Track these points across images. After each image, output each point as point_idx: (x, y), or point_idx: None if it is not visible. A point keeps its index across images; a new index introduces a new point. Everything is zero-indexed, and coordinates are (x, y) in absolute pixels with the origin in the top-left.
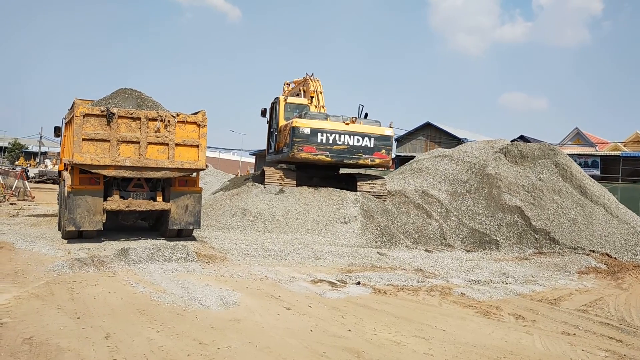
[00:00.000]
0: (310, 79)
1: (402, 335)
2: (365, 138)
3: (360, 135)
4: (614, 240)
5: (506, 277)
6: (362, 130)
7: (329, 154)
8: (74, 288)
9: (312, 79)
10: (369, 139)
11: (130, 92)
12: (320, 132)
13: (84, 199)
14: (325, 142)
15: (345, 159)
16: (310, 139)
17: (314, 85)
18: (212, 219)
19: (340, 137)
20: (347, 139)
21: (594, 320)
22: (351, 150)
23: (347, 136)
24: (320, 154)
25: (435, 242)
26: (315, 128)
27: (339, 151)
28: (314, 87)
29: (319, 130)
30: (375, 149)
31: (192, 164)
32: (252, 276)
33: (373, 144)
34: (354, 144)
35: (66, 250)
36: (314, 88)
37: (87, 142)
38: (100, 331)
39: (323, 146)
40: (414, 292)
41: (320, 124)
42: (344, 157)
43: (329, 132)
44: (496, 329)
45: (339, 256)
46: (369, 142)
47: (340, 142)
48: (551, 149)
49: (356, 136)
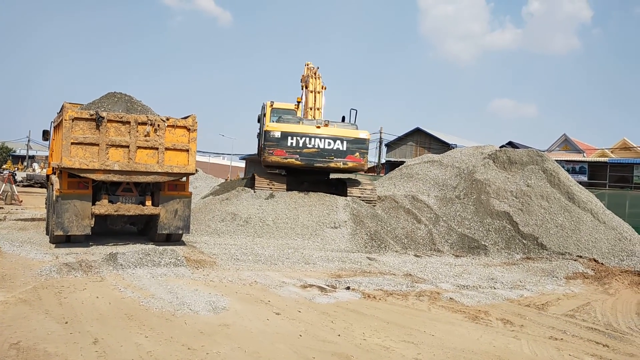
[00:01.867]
0: (311, 77)
1: (391, 340)
2: (337, 141)
3: (332, 138)
4: (601, 245)
5: (494, 282)
6: (334, 133)
7: (299, 157)
8: (62, 293)
9: (313, 77)
10: (341, 142)
11: (120, 95)
12: (290, 136)
13: (72, 203)
14: (296, 145)
15: (315, 163)
16: (280, 142)
17: (313, 84)
18: (202, 224)
19: (310, 141)
20: (318, 143)
21: (581, 325)
22: (322, 154)
23: (317, 139)
24: (290, 157)
25: (424, 247)
26: (285, 132)
27: (309, 154)
28: (312, 86)
29: (289, 134)
30: (348, 152)
31: (182, 169)
32: (242, 281)
33: (346, 147)
34: (325, 147)
35: (54, 254)
36: (313, 87)
37: (75, 146)
38: (88, 336)
39: (293, 150)
40: (403, 297)
41: (291, 127)
42: (314, 160)
43: (299, 135)
44: (484, 333)
45: (329, 261)
46: (342, 146)
47: (311, 145)
48: (539, 155)
49: (327, 139)
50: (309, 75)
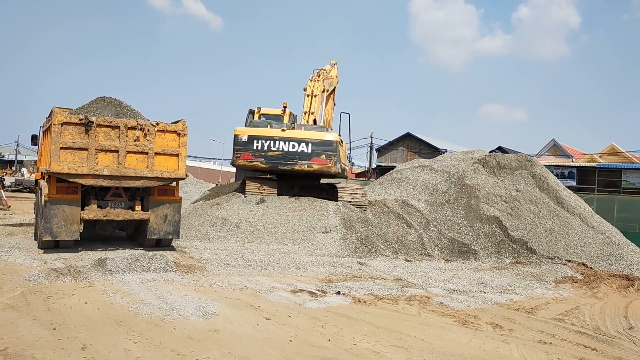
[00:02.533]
0: (312, 79)
1: (382, 345)
2: (302, 144)
3: (296, 141)
4: (590, 250)
5: (484, 286)
6: (299, 136)
7: (264, 161)
8: (50, 298)
9: (313, 79)
10: (306, 145)
11: (110, 100)
12: (256, 140)
13: (61, 208)
14: (261, 149)
15: (280, 165)
16: (247, 146)
17: (310, 87)
18: (192, 229)
19: (275, 144)
20: (282, 145)
21: (569, 329)
22: (286, 157)
23: (282, 142)
24: (255, 160)
25: (415, 252)
26: (252, 135)
27: (273, 157)
28: (310, 89)
29: (255, 137)
30: (313, 154)
31: (172, 173)
32: (232, 286)
33: (311, 149)
34: (289, 149)
35: (42, 260)
36: (310, 91)
37: (64, 150)
38: (76, 342)
39: (259, 153)
40: (394, 301)
41: (258, 131)
42: (278, 163)
43: (264, 139)
44: (474, 338)
45: (320, 266)
46: (306, 148)
47: (275, 148)
48: (528, 160)
49: (292, 142)
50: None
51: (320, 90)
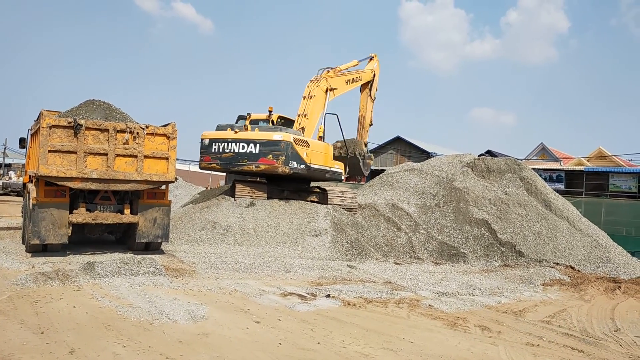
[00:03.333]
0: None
1: (371, 348)
2: (250, 145)
3: (245, 142)
4: (578, 252)
5: (473, 289)
6: (247, 137)
7: (219, 162)
8: (38, 302)
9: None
10: (254, 145)
11: (99, 103)
12: (214, 142)
13: (49, 211)
14: (217, 151)
15: (231, 167)
16: (208, 149)
17: (307, 89)
18: (181, 232)
19: (227, 146)
20: (233, 147)
21: (557, 331)
22: (236, 158)
23: (233, 144)
24: (213, 162)
25: (404, 255)
26: (212, 139)
27: (226, 159)
28: (307, 90)
29: (214, 140)
30: (260, 154)
31: (161, 177)
32: (221, 290)
33: (258, 149)
34: (239, 151)
35: (30, 264)
36: (306, 92)
37: (53, 153)
38: (64, 346)
39: (216, 155)
40: (383, 304)
41: (217, 134)
42: (230, 164)
43: (220, 141)
44: (462, 340)
45: (309, 269)
46: (254, 149)
47: (228, 150)
48: (517, 164)
49: (241, 143)
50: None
51: (323, 90)
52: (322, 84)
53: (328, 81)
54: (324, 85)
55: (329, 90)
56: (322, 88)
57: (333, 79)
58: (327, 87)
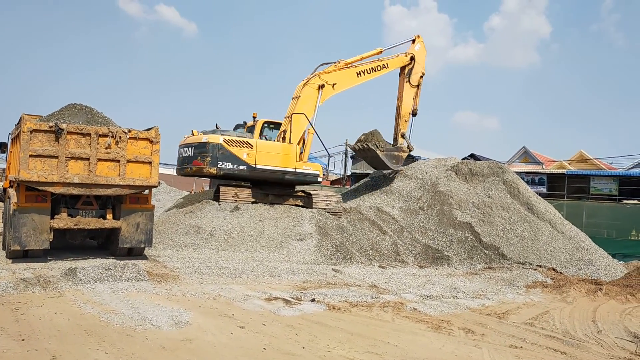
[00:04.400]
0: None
1: (356, 352)
2: (188, 149)
3: (186, 146)
4: (560, 255)
5: (457, 292)
6: (187, 141)
7: (175, 167)
8: (19, 309)
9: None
10: (190, 149)
11: (81, 107)
12: (179, 148)
13: (30, 217)
14: (178, 156)
15: (180, 170)
16: (178, 155)
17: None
18: (165, 237)
19: (179, 151)
20: (181, 152)
21: (540, 333)
22: (182, 161)
23: (181, 149)
24: (176, 167)
25: (389, 258)
26: (179, 145)
27: (178, 163)
28: (296, 91)
29: (180, 146)
30: (194, 157)
31: (144, 181)
32: (205, 295)
33: (193, 152)
34: (183, 155)
35: (10, 270)
36: (296, 94)
37: (34, 158)
38: (46, 353)
39: (178, 160)
40: (368, 308)
41: (181, 141)
42: (179, 168)
43: (180, 147)
44: (447, 343)
45: (294, 273)
46: (190, 152)
47: (179, 155)
48: (499, 167)
49: (184, 148)
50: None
51: (315, 88)
52: (314, 82)
53: (322, 77)
54: (316, 82)
55: (326, 86)
56: (313, 86)
57: (332, 74)
58: (320, 84)
